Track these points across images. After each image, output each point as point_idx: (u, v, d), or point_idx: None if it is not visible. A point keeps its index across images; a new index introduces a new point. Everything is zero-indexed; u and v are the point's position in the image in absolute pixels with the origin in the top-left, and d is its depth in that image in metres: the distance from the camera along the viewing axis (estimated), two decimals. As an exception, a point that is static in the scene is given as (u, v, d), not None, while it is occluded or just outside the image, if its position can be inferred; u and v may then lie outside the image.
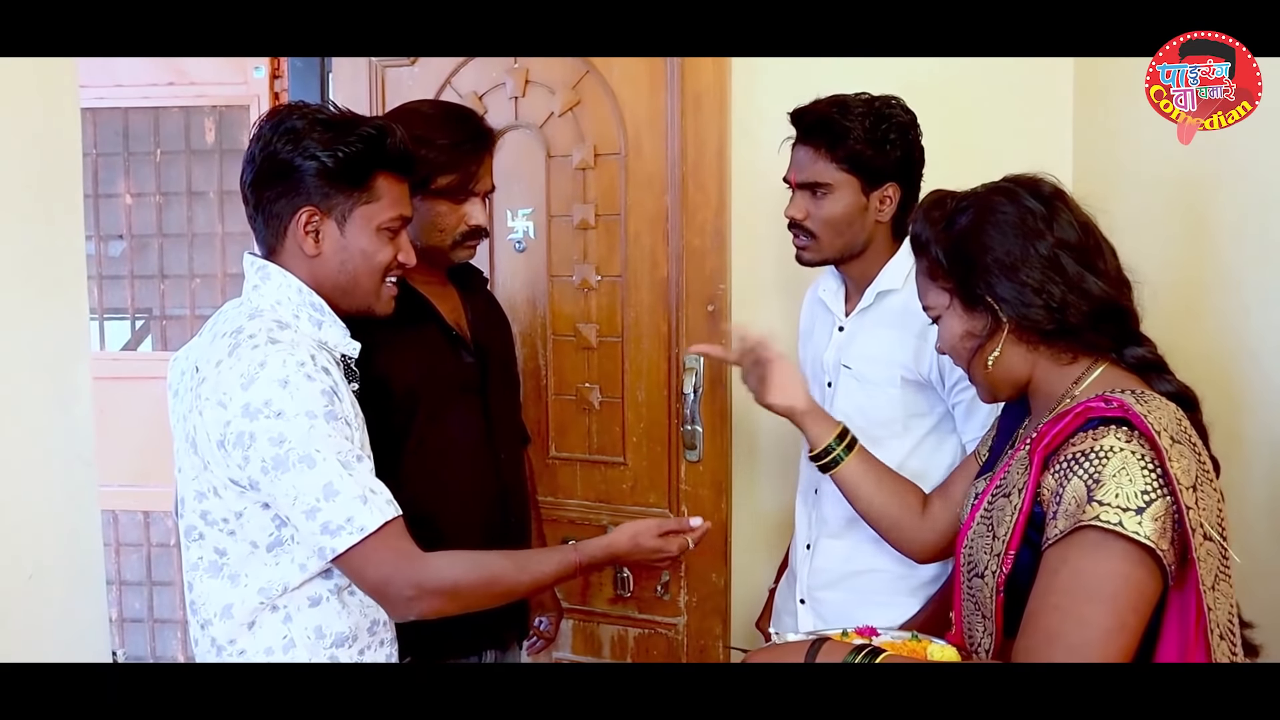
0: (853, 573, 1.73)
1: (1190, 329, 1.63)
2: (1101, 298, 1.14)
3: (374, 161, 1.34)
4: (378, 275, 1.38)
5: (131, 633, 3.19)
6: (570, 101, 2.19)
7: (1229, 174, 1.56)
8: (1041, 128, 2.12)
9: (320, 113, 1.34)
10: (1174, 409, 1.10)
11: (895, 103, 1.64)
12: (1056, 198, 1.18)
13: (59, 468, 1.71)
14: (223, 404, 1.25)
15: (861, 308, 1.71)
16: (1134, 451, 1.04)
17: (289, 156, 1.31)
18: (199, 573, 1.35)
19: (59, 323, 1.71)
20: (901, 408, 1.67)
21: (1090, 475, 1.04)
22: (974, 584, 1.20)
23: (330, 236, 1.34)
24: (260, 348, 1.26)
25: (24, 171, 1.63)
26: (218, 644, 1.35)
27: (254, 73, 2.76)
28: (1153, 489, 1.02)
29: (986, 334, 1.19)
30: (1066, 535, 1.04)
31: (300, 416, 1.23)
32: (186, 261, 2.96)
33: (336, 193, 1.33)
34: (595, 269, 2.22)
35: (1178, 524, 1.03)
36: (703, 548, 2.16)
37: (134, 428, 2.82)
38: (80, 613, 1.75)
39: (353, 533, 1.23)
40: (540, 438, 2.27)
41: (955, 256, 1.19)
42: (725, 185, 2.10)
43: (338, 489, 1.24)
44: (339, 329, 1.39)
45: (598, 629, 2.30)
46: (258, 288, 1.36)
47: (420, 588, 1.26)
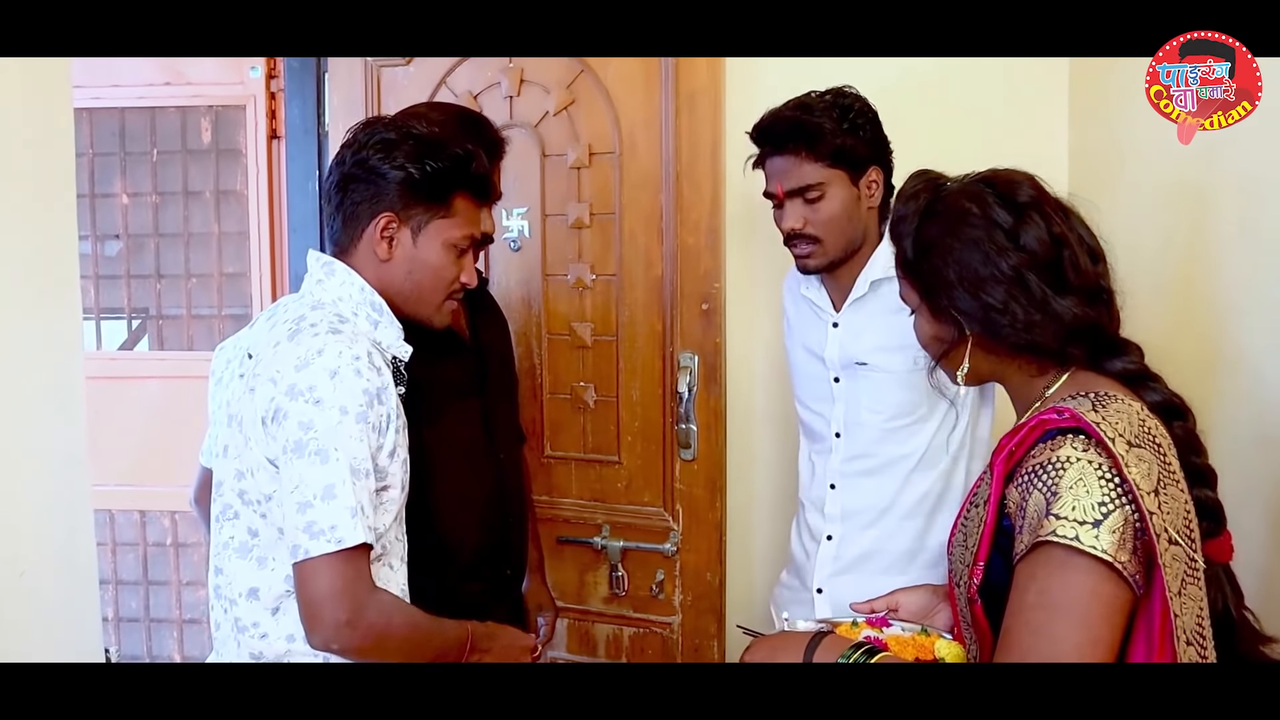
0: (874, 552, 1.73)
1: (1186, 329, 1.63)
2: (1070, 320, 1.11)
3: (457, 181, 1.42)
4: (441, 289, 1.45)
5: (128, 632, 3.19)
6: (565, 101, 2.19)
7: (1226, 174, 1.55)
8: (1037, 127, 2.13)
9: (413, 129, 1.42)
10: (1136, 410, 1.08)
11: (850, 90, 1.66)
12: (1031, 206, 1.13)
13: (52, 468, 1.71)
14: (274, 380, 1.29)
15: (855, 298, 1.71)
16: (1090, 460, 1.02)
17: (379, 164, 1.38)
18: (229, 552, 1.38)
19: (52, 322, 1.71)
20: (926, 388, 1.66)
21: (1048, 488, 1.03)
22: (955, 591, 1.20)
23: (403, 244, 1.41)
24: (320, 335, 1.30)
25: (17, 172, 1.63)
26: (241, 625, 1.36)
27: (250, 73, 2.75)
28: (1111, 499, 1.00)
29: (953, 342, 1.18)
30: (1031, 551, 1.03)
31: (334, 410, 1.26)
32: (183, 261, 2.95)
33: (416, 204, 1.40)
34: (590, 268, 2.22)
35: (1140, 532, 1.01)
36: (697, 547, 2.18)
37: (130, 428, 2.81)
38: (73, 613, 1.75)
39: (330, 541, 1.24)
40: (535, 437, 2.27)
41: (920, 265, 1.17)
42: (720, 184, 2.10)
43: (337, 493, 1.25)
44: (394, 330, 1.43)
45: (592, 628, 2.30)
46: (321, 282, 1.42)
47: (359, 616, 1.26)
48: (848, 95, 1.66)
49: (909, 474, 1.71)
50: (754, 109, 1.72)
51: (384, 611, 1.30)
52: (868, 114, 1.66)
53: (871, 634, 1.27)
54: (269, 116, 2.73)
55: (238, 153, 2.84)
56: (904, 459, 1.71)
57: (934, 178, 1.21)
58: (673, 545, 2.19)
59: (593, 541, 2.24)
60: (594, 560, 2.27)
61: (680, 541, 2.19)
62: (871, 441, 1.73)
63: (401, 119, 1.57)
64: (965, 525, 1.19)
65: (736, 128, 2.09)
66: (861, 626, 1.29)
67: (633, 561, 2.24)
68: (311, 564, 1.25)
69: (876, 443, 1.72)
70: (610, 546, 2.23)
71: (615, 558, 2.23)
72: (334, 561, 1.25)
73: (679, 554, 2.19)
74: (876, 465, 1.73)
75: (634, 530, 2.23)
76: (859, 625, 1.30)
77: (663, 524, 2.21)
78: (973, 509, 1.18)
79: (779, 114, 1.67)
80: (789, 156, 1.65)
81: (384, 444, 1.32)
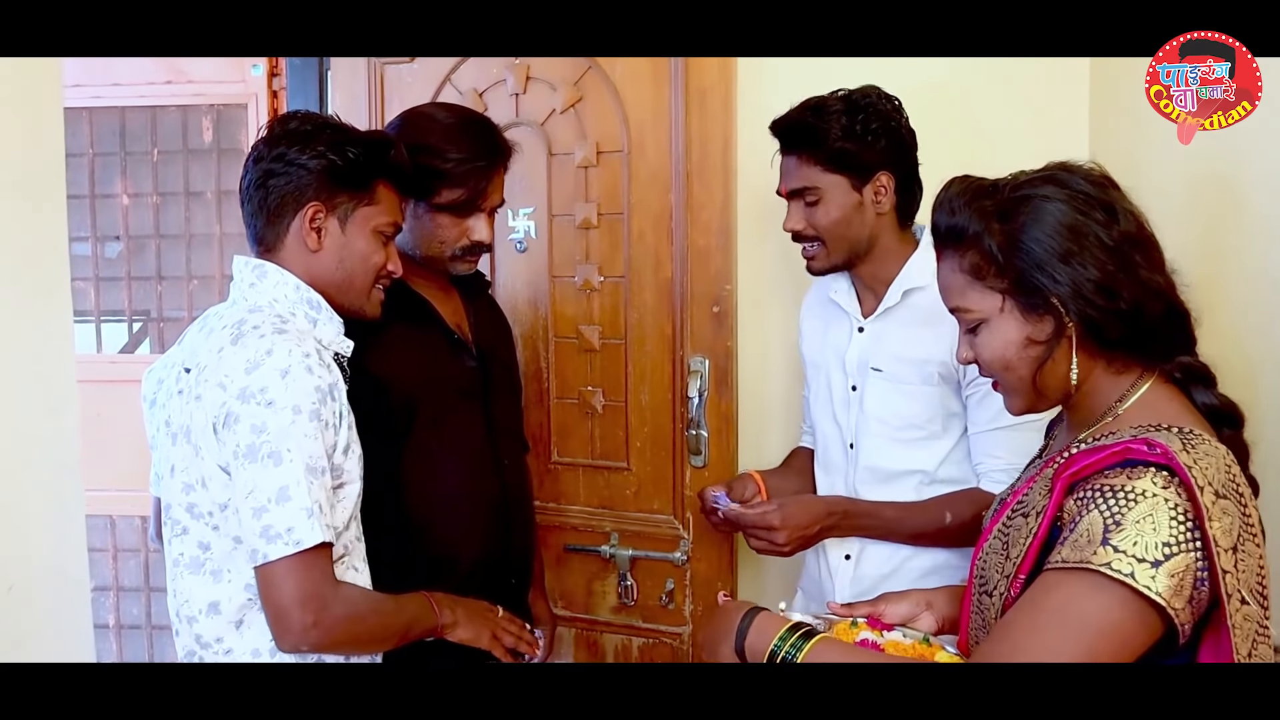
0: (894, 572, 1.70)
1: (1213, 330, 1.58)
2: (1172, 298, 1.06)
3: (377, 169, 1.43)
4: (371, 276, 1.45)
5: (129, 639, 3.16)
6: (572, 98, 2.15)
7: (1251, 174, 1.51)
8: (1056, 127, 2.07)
9: (326, 120, 1.44)
10: (1223, 454, 1.01)
11: (873, 92, 1.62)
12: (1108, 184, 1.08)
13: (44, 476, 1.68)
14: (223, 385, 1.28)
15: (886, 307, 1.68)
16: (1167, 500, 0.95)
17: (297, 155, 1.38)
18: (180, 569, 1.36)
19: (43, 328, 1.68)
20: (940, 406, 1.64)
21: (1112, 514, 0.96)
22: (982, 601, 1.14)
23: (332, 234, 1.41)
24: (266, 337, 1.29)
25: (7, 174, 1.60)
26: (203, 640, 1.33)
27: (252, 71, 2.73)
28: (1178, 542, 0.94)
29: (1050, 341, 1.07)
30: (1072, 570, 0.97)
31: (287, 410, 1.26)
32: (184, 263, 2.93)
33: (341, 192, 1.40)
34: (598, 269, 2.17)
35: (1202, 583, 0.95)
36: (708, 555, 2.14)
37: (131, 431, 2.77)
38: (64, 624, 1.72)
39: (288, 544, 1.24)
40: (542, 442, 2.23)
41: (1015, 250, 1.07)
42: (731, 183, 2.05)
43: (291, 494, 1.25)
44: (334, 326, 1.42)
45: (600, 638, 2.25)
46: (254, 285, 1.40)
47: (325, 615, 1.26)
48: (866, 97, 1.61)
49: (923, 489, 1.67)
50: (766, 104, 1.70)
51: (349, 603, 1.31)
52: (884, 117, 1.60)
53: (870, 636, 1.23)
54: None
55: (239, 152, 2.81)
56: (917, 473, 1.67)
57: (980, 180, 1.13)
58: (683, 554, 2.14)
59: (601, 550, 2.19)
60: (602, 569, 2.22)
61: (691, 550, 2.14)
62: (883, 452, 1.69)
63: (405, 128, 1.60)
64: (1006, 533, 1.12)
65: (748, 124, 2.05)
66: (861, 628, 1.25)
67: (642, 570, 2.19)
68: (272, 568, 1.25)
69: (887, 453, 1.69)
70: (619, 555, 2.18)
71: (624, 566, 2.18)
72: (295, 564, 1.24)
73: (689, 563, 2.15)
74: (889, 476, 1.69)
75: (643, 538, 2.18)
76: (858, 626, 1.26)
77: (673, 532, 2.16)
78: (1017, 517, 1.12)
79: (792, 112, 1.65)
80: (794, 157, 1.64)
81: (338, 441, 1.32)
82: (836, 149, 1.59)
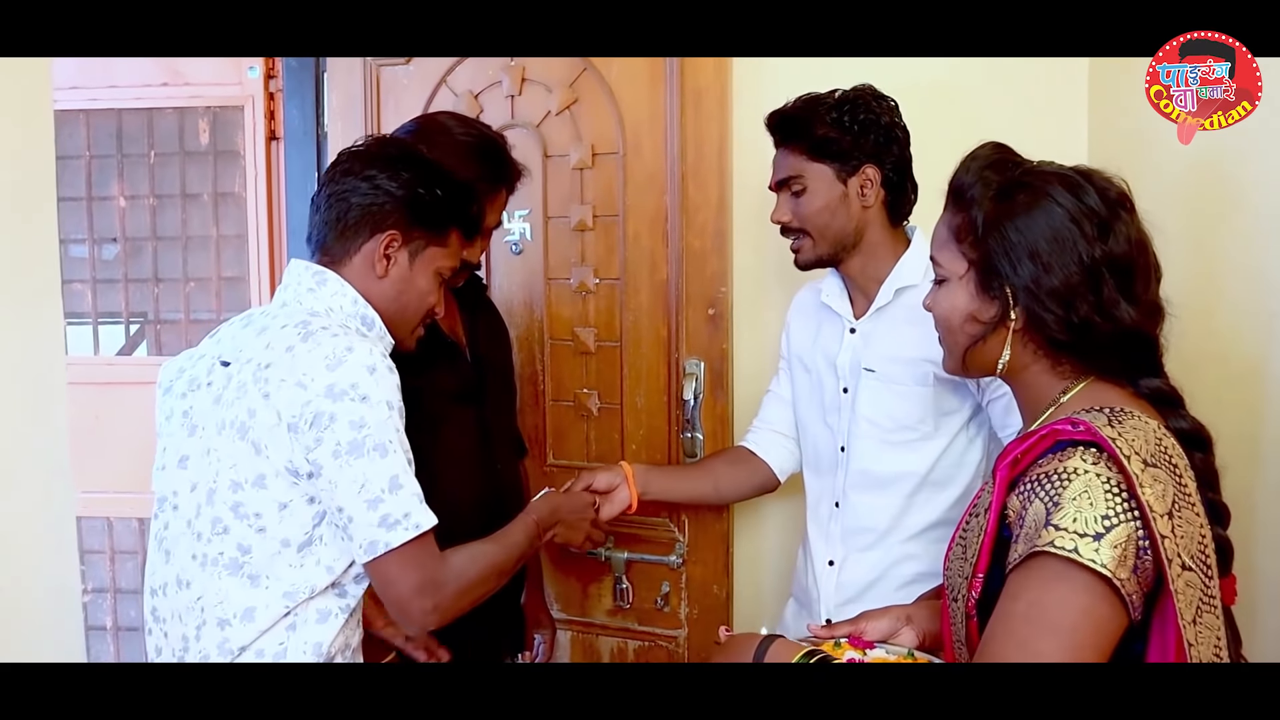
0: (878, 579, 1.68)
1: (1213, 330, 1.57)
2: (1129, 327, 1.07)
3: (455, 216, 1.46)
4: (421, 314, 1.47)
5: (126, 641, 3.15)
6: (568, 100, 2.14)
7: (1251, 174, 1.50)
8: (1056, 127, 2.06)
9: (420, 155, 1.47)
10: (1154, 427, 1.03)
11: (867, 89, 1.63)
12: (1122, 204, 1.09)
13: (34, 481, 1.66)
14: (302, 384, 1.26)
15: (878, 306, 1.67)
16: (1099, 474, 0.98)
17: (387, 182, 1.39)
18: (217, 569, 1.32)
19: (33, 332, 1.67)
20: (934, 406, 1.63)
21: (1050, 497, 0.99)
22: (952, 608, 1.15)
23: (400, 265, 1.42)
24: (341, 336, 1.30)
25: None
26: (229, 646, 1.30)
27: (248, 73, 2.71)
28: (1115, 513, 0.96)
29: (991, 324, 1.11)
30: (1025, 560, 0.99)
31: (382, 405, 1.27)
32: (181, 265, 2.91)
33: (418, 228, 1.41)
34: (593, 271, 2.17)
35: (1145, 552, 0.97)
36: (704, 559, 2.12)
37: (129, 434, 2.76)
38: (55, 629, 1.70)
39: (409, 529, 1.27)
40: (538, 445, 2.22)
41: (994, 230, 1.10)
42: (726, 185, 2.04)
43: (402, 483, 1.27)
44: (383, 345, 1.41)
45: (596, 641, 2.25)
46: (313, 290, 1.40)
47: (442, 598, 1.31)
48: (861, 94, 1.62)
49: (912, 493, 1.66)
50: (762, 106, 1.69)
51: (460, 578, 1.34)
52: (872, 112, 1.61)
53: (855, 655, 1.24)
54: (267, 117, 2.69)
55: (236, 154, 2.80)
56: (907, 476, 1.66)
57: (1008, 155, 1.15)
58: (678, 557, 2.13)
59: (596, 553, 2.18)
60: (598, 572, 2.21)
61: (686, 553, 2.14)
62: (873, 454, 1.68)
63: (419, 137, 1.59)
64: (964, 536, 1.14)
65: (744, 126, 2.05)
66: (845, 648, 1.26)
67: (637, 573, 2.18)
68: (387, 561, 1.27)
69: (877, 456, 1.67)
70: (614, 558, 2.17)
71: (620, 569, 2.17)
72: (409, 552, 1.27)
73: (685, 566, 2.14)
74: (878, 480, 1.68)
75: (639, 541, 2.17)
76: (843, 646, 1.27)
77: (668, 535, 2.15)
78: (973, 519, 1.13)
79: (785, 106, 1.66)
80: (784, 150, 1.66)
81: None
82: (820, 137, 1.60)
